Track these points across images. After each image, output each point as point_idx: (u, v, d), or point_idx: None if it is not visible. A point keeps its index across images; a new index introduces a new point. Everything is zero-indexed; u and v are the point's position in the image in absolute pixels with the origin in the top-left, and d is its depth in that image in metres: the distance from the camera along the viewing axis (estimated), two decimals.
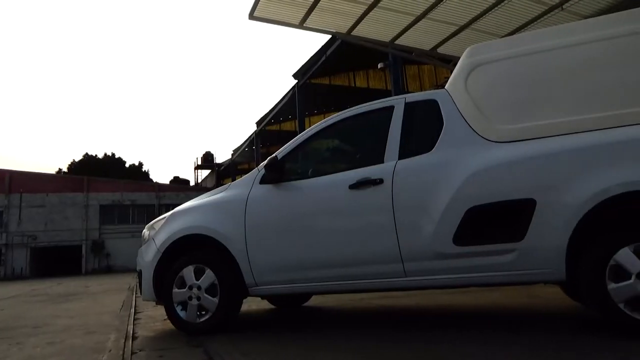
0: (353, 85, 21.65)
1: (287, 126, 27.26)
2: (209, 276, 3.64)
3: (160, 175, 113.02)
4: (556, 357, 2.47)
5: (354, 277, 3.33)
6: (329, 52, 16.95)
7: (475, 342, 2.91)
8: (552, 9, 7.21)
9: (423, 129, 3.46)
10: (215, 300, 3.61)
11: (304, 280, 3.47)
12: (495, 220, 3.01)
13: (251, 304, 5.61)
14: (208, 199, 3.98)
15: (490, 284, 3.25)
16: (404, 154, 3.36)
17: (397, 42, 8.78)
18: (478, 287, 3.46)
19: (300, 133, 4.02)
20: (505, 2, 7.17)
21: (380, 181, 3.30)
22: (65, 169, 52.60)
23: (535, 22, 7.59)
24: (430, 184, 3.18)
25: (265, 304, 5.48)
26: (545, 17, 7.43)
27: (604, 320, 2.77)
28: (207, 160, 44.98)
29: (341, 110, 3.89)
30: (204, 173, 47.00)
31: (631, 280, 2.64)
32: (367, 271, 3.29)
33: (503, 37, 7.77)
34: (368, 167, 3.41)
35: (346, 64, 19.71)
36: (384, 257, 3.23)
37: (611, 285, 2.69)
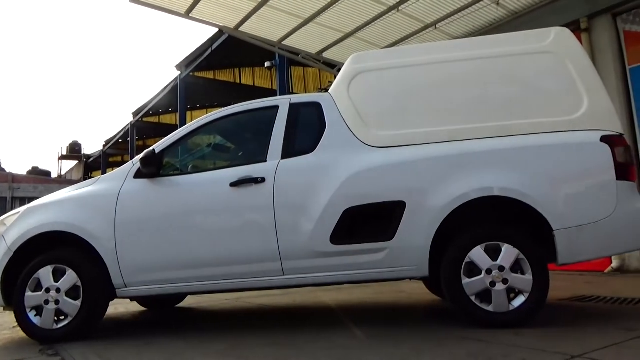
0: (239, 81, 21.30)
1: (167, 119, 25.92)
2: (70, 277, 3.32)
3: (16, 164, 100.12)
4: (414, 347, 2.69)
5: (232, 276, 3.29)
6: (215, 45, 16.47)
7: (343, 336, 3.04)
8: (427, 27, 7.89)
9: (306, 131, 3.53)
10: (77, 303, 3.30)
11: (179, 280, 3.33)
12: (370, 221, 3.20)
13: (118, 307, 5.23)
14: (73, 192, 3.63)
15: (363, 281, 3.44)
16: (286, 153, 3.40)
17: (284, 42, 8.85)
18: (352, 284, 3.63)
19: (181, 127, 3.85)
20: (387, 15, 7.64)
21: (262, 180, 3.30)
22: None
23: (413, 37, 8.22)
24: (310, 185, 3.26)
25: (134, 306, 5.15)
26: (422, 33, 8.09)
27: (458, 312, 3.08)
28: (74, 150, 40.88)
29: (225, 106, 3.82)
30: (70, 164, 42.73)
31: (481, 276, 2.99)
32: (245, 270, 3.27)
33: (384, 47, 8.28)
34: (250, 166, 3.39)
35: (232, 60, 19.34)
36: (262, 256, 3.24)
37: (465, 280, 3.02)
